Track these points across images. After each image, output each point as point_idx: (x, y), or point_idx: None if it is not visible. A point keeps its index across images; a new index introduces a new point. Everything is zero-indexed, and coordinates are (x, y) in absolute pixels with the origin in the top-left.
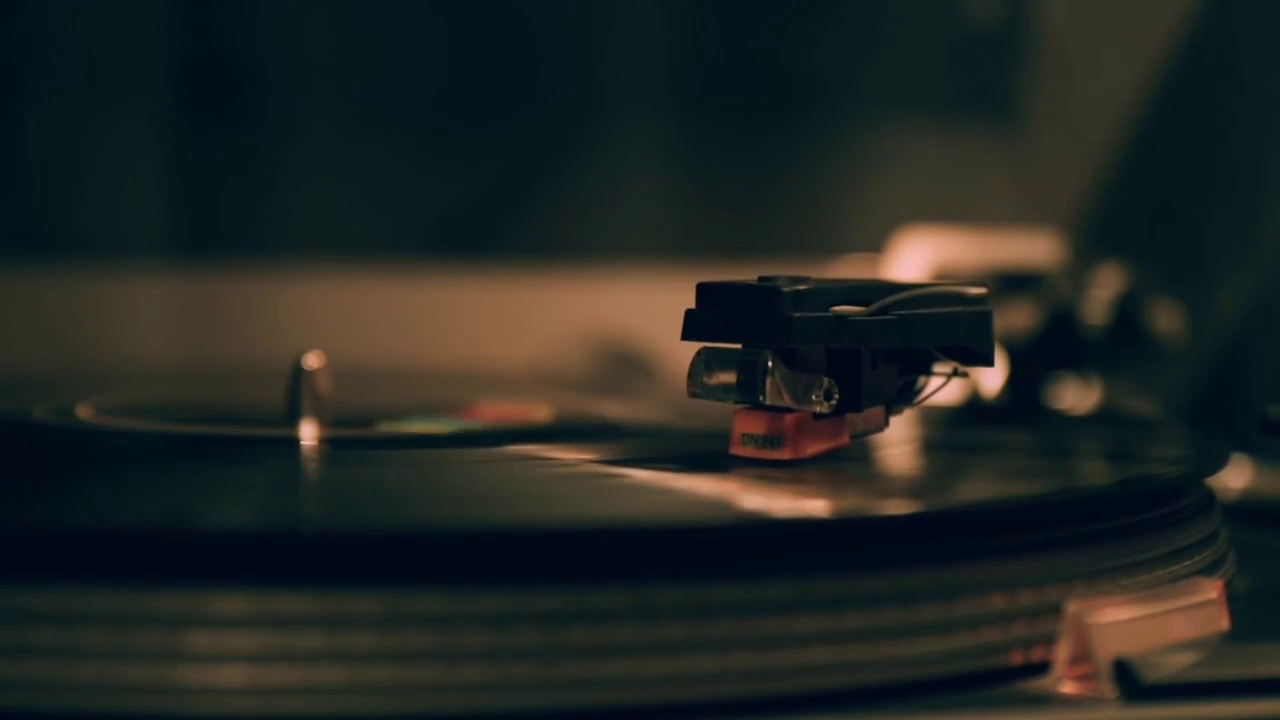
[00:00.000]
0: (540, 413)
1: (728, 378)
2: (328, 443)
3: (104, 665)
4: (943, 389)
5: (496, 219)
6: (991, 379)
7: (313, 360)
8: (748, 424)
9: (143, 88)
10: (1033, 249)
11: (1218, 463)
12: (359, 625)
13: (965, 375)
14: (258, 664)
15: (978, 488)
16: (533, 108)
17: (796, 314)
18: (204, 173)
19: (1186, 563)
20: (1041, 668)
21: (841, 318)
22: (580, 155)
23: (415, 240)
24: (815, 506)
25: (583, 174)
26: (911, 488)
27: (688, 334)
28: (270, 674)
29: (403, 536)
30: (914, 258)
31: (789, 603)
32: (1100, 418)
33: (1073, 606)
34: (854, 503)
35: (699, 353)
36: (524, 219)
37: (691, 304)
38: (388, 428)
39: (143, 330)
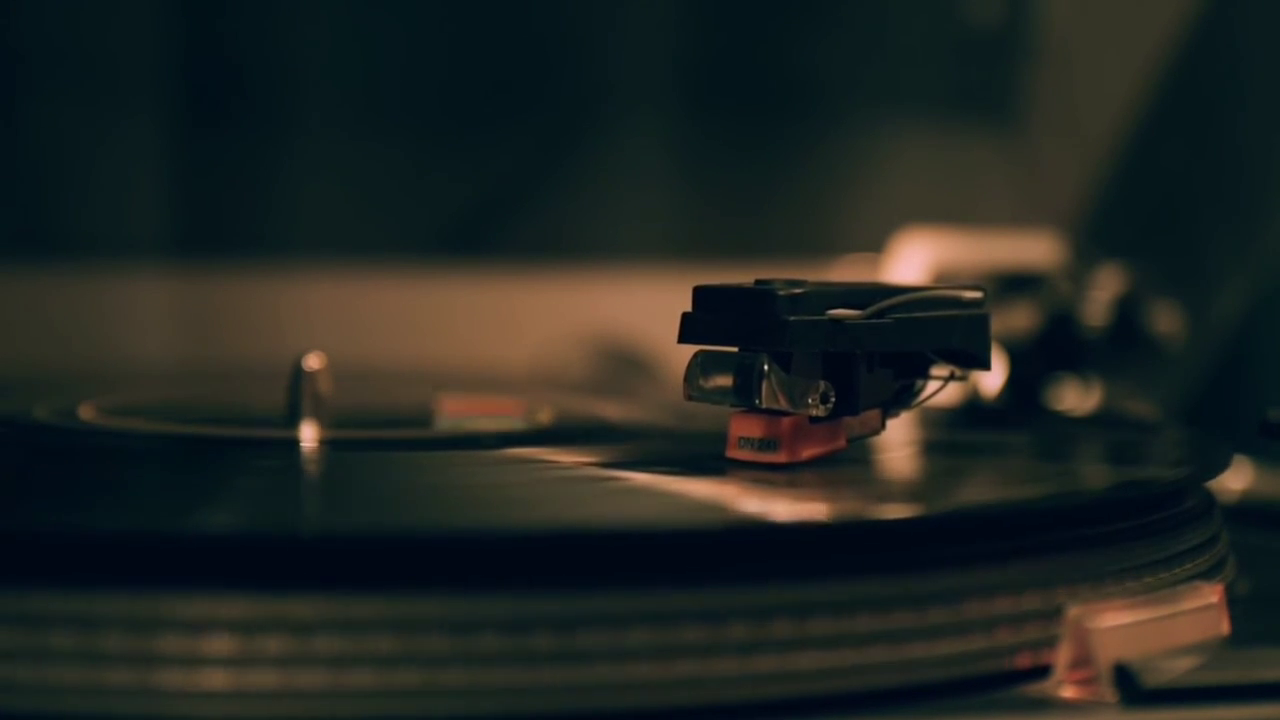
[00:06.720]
0: (535, 414)
1: (724, 381)
2: (328, 444)
3: (99, 668)
4: (940, 392)
5: (497, 219)
6: (991, 380)
7: (313, 361)
8: (744, 427)
9: (143, 88)
10: (1033, 250)
11: (1218, 466)
12: (356, 629)
13: (963, 379)
14: (254, 667)
15: (977, 491)
16: (533, 109)
17: (792, 317)
18: (204, 173)
19: (1187, 567)
20: (1042, 672)
21: (837, 321)
22: (581, 156)
23: (415, 240)
24: (813, 511)
25: (583, 174)
26: (910, 491)
27: (684, 337)
28: (268, 678)
29: (400, 540)
30: (914, 258)
31: (786, 608)
32: (1100, 419)
33: (1073, 611)
34: (852, 507)
35: (695, 356)
36: (525, 219)
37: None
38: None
39: (143, 330)
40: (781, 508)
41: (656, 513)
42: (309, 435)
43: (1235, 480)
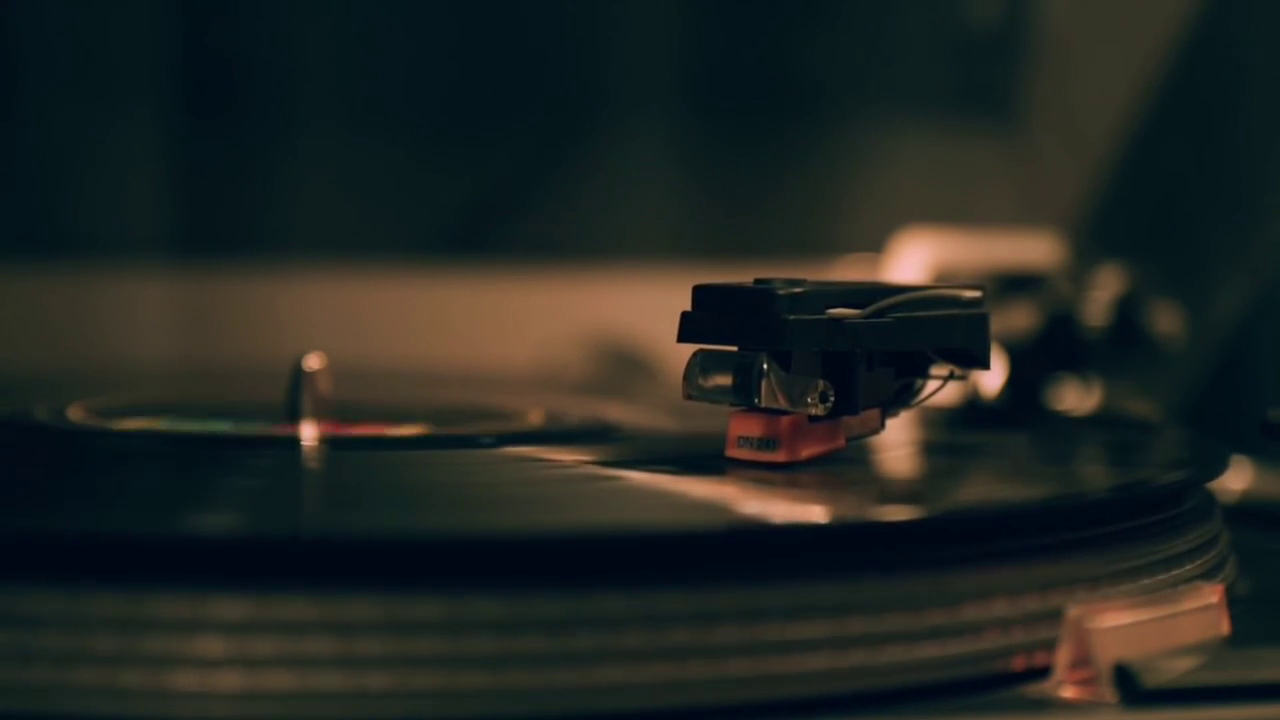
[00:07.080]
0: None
1: (723, 380)
2: (328, 444)
3: (99, 669)
4: (939, 392)
5: (497, 219)
6: (991, 380)
7: (313, 361)
8: (743, 426)
9: (142, 87)
10: (1033, 250)
11: (1218, 466)
12: (356, 630)
13: (962, 378)
14: (254, 669)
15: (977, 491)
16: (534, 108)
17: (792, 316)
18: (204, 172)
19: (1187, 567)
20: (1042, 672)
21: (837, 320)
22: (581, 155)
23: (415, 240)
24: (813, 511)
25: (584, 174)
26: (910, 491)
27: (683, 336)
28: (268, 679)
29: (400, 541)
30: (914, 258)
31: (787, 608)
32: (1100, 419)
33: (1073, 611)
34: (852, 507)
35: (694, 355)
36: (525, 219)
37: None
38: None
39: (142, 330)
40: (780, 508)
41: (655, 513)
42: (309, 435)
43: (1235, 480)
